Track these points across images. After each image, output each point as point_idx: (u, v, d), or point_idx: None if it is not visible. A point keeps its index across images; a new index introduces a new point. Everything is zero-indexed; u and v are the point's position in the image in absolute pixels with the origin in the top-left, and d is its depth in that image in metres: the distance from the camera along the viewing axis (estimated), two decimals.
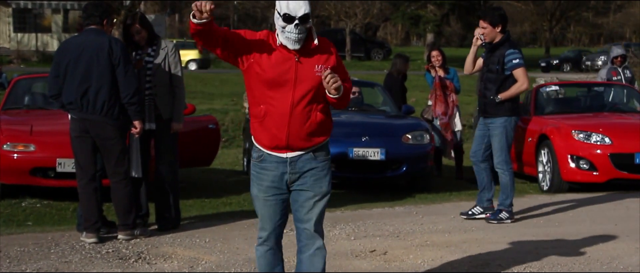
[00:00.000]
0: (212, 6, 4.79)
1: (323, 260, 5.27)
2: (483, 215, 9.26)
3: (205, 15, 4.76)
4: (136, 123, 8.04)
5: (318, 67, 5.03)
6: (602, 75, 15.04)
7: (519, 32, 79.88)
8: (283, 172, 5.14)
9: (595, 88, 14.72)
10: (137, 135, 8.17)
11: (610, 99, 13.86)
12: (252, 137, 5.21)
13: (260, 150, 5.15)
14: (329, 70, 4.94)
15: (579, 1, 71.61)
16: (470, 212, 9.39)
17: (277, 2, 5.02)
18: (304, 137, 5.07)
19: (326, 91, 4.98)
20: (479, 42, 9.36)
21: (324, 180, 5.18)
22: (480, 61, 9.62)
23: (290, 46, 4.97)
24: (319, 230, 5.25)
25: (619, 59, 14.97)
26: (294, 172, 5.13)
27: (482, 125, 9.41)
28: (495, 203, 9.33)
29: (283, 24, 4.94)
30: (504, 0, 60.19)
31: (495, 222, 9.07)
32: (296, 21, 4.90)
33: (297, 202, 5.21)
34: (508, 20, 9.55)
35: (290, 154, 5.10)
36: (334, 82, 4.88)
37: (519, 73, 9.20)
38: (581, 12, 75.38)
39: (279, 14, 4.97)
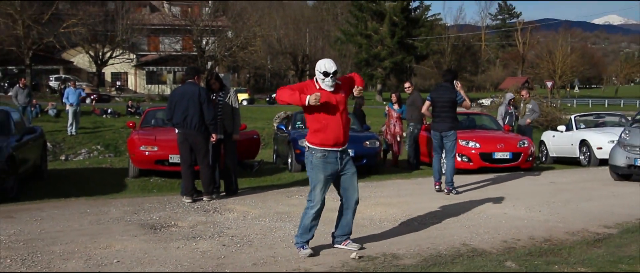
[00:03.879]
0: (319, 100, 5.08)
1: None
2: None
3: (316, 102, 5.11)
4: (213, 135, 8.09)
5: (340, 94, 5.27)
6: (501, 110, 14.62)
7: (428, 85, 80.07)
8: (337, 163, 5.29)
9: (471, 116, 14.69)
10: (213, 141, 8.17)
11: (479, 122, 13.83)
12: (313, 144, 5.29)
13: (324, 150, 5.24)
14: (361, 88, 5.44)
15: (461, 66, 71.81)
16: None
17: (317, 64, 5.24)
18: (346, 135, 5.31)
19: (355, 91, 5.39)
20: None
21: (353, 164, 5.43)
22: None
23: (328, 89, 5.21)
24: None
25: (513, 99, 14.67)
26: (342, 160, 5.32)
27: (438, 137, 8.76)
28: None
29: (322, 77, 5.19)
30: (422, 66, 59.86)
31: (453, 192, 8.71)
32: (330, 75, 5.18)
33: (347, 181, 5.40)
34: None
35: (340, 149, 5.28)
36: (360, 91, 5.40)
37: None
38: (463, 73, 75.80)
39: (319, 72, 5.19)
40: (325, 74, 5.17)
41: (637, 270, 4.96)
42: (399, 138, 12.95)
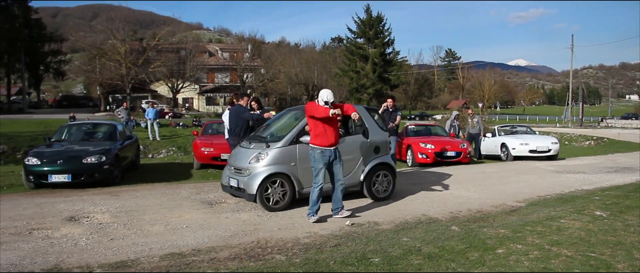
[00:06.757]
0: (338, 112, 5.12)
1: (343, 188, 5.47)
2: None
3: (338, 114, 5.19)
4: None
5: (333, 113, 5.21)
6: (448, 124, 14.48)
7: (398, 105, 78.50)
8: (330, 156, 5.30)
9: (428, 126, 14.51)
10: None
11: (433, 131, 13.73)
12: (316, 145, 5.27)
13: (323, 148, 5.27)
14: (338, 111, 5.26)
15: (420, 92, 71.13)
16: None
17: (322, 93, 5.21)
18: (337, 139, 5.34)
19: (353, 118, 5.31)
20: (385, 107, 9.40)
21: (340, 157, 5.42)
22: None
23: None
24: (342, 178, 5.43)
25: (458, 115, 14.57)
26: (333, 155, 5.33)
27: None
28: None
29: (323, 103, 5.23)
30: (395, 92, 59.23)
31: None
32: (330, 103, 5.24)
33: (336, 168, 5.38)
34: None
35: (333, 147, 5.30)
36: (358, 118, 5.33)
37: (399, 118, 9.30)
38: (422, 97, 74.81)
39: (323, 100, 5.21)
40: (326, 103, 5.25)
41: (536, 230, 4.97)
42: None
